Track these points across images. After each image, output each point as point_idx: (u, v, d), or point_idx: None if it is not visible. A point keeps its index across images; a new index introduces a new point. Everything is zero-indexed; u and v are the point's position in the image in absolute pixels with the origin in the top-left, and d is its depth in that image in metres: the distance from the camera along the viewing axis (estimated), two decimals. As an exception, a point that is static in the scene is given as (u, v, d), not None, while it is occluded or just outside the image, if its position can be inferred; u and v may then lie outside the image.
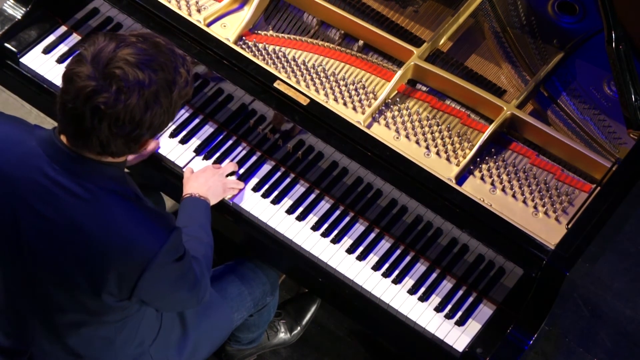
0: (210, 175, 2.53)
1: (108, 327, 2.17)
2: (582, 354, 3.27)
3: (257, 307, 2.75)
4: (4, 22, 2.76)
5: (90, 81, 1.88)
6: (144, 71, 1.90)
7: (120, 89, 1.88)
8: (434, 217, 2.52)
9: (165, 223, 2.03)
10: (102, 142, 1.94)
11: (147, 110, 1.92)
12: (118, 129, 1.91)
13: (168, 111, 1.97)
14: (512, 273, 2.47)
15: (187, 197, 2.47)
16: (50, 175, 1.98)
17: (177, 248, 2.06)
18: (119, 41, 1.92)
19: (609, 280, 3.44)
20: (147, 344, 2.34)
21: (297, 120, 2.57)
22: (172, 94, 1.96)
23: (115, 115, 1.89)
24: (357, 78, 2.71)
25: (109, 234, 1.98)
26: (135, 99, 1.89)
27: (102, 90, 1.88)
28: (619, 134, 2.63)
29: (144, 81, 1.90)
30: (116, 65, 1.88)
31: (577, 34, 2.79)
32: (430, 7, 2.85)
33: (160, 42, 1.97)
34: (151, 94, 1.91)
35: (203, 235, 2.36)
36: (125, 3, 2.72)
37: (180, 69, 1.97)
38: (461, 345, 2.44)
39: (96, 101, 1.88)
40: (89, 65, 1.89)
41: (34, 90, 2.77)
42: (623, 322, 3.35)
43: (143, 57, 1.91)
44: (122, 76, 1.88)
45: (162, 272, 2.05)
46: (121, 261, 1.99)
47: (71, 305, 2.10)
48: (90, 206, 1.98)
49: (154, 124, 1.96)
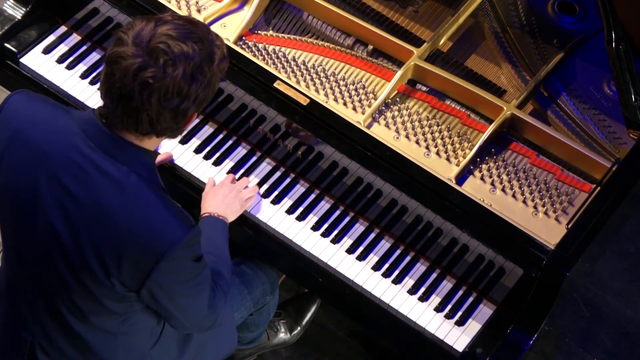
0: (227, 191, 2.52)
1: (112, 319, 2.16)
2: (582, 354, 3.27)
3: (257, 306, 2.75)
4: (4, 22, 2.76)
5: (136, 59, 1.93)
6: (187, 43, 1.96)
7: (166, 62, 1.93)
8: (434, 217, 2.52)
9: (187, 219, 2.05)
10: (151, 119, 1.98)
11: (194, 81, 1.97)
12: (167, 102, 1.96)
13: (210, 83, 2.02)
14: (512, 273, 2.47)
15: (206, 216, 2.46)
16: (85, 152, 2.01)
17: (195, 247, 2.07)
18: (156, 20, 1.98)
19: (609, 280, 3.44)
20: (147, 347, 2.32)
21: (297, 120, 2.57)
22: (213, 65, 2.01)
23: (164, 89, 1.94)
24: (357, 78, 2.71)
25: (132, 217, 1.99)
26: (181, 71, 1.94)
27: (148, 65, 1.93)
28: (619, 134, 2.63)
29: (188, 52, 1.95)
30: (159, 40, 1.94)
31: (577, 34, 2.79)
32: (430, 7, 2.85)
33: (193, 19, 2.03)
34: (196, 64, 1.97)
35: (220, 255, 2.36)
36: (125, 3, 2.72)
37: (216, 42, 2.03)
38: (461, 345, 2.44)
39: (144, 76, 1.92)
40: (131, 45, 1.94)
41: (34, 90, 2.76)
42: (623, 322, 3.35)
43: (183, 31, 1.97)
44: (167, 49, 1.93)
45: (177, 267, 2.04)
46: (139, 247, 2.00)
47: (78, 288, 2.08)
48: (119, 187, 2.00)
49: (199, 96, 2.01)
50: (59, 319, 2.17)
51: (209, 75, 2.00)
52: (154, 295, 2.09)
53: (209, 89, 2.03)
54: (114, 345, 2.23)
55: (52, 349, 2.22)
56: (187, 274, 2.09)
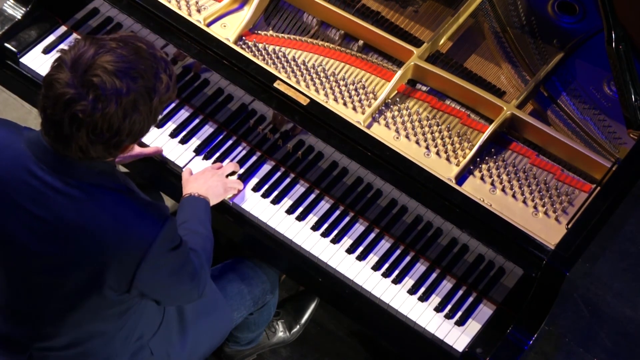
0: (209, 175, 2.53)
1: (108, 322, 2.17)
2: (582, 354, 3.27)
3: (257, 305, 2.75)
4: (4, 22, 2.76)
5: (68, 88, 1.88)
6: (122, 80, 1.89)
7: (97, 98, 1.88)
8: (434, 217, 2.52)
9: (158, 213, 2.03)
10: (81, 148, 1.94)
11: (126, 118, 1.92)
12: (96, 136, 1.92)
13: (148, 117, 1.97)
14: (512, 273, 2.47)
15: (187, 196, 2.47)
16: (39, 176, 1.99)
17: (173, 237, 2.07)
18: (98, 47, 1.91)
19: (609, 280, 3.43)
20: (146, 338, 2.34)
21: (297, 120, 2.57)
22: (152, 100, 1.95)
23: (93, 124, 1.90)
24: (357, 78, 2.71)
25: (102, 229, 1.98)
26: (113, 108, 1.89)
27: (79, 98, 1.88)
28: (619, 134, 2.63)
29: (121, 89, 1.89)
30: (94, 73, 1.88)
31: (577, 34, 2.79)
32: (430, 7, 2.85)
33: (141, 46, 1.96)
34: (129, 102, 1.91)
35: (201, 229, 2.36)
36: (125, 3, 2.72)
37: (161, 75, 1.97)
38: (461, 345, 2.44)
39: (74, 109, 1.88)
40: (68, 71, 1.89)
41: (34, 90, 2.77)
42: (623, 322, 3.35)
43: (122, 65, 1.90)
44: (99, 84, 1.88)
45: (159, 262, 2.05)
46: (117, 254, 2.00)
47: (71, 302, 2.09)
48: (81, 204, 1.99)
49: (134, 131, 1.96)
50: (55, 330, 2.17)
51: (145, 111, 1.95)
52: (144, 292, 2.11)
53: (145, 123, 1.97)
54: (112, 343, 2.23)
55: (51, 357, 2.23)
56: (170, 264, 2.10)
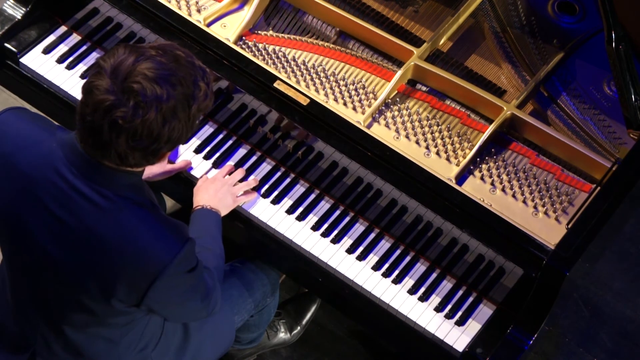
0: (220, 185, 2.53)
1: (113, 329, 2.17)
2: (582, 354, 3.27)
3: (257, 308, 2.75)
4: (4, 22, 2.76)
5: (108, 95, 1.88)
6: (162, 86, 1.89)
7: (138, 104, 1.88)
8: (434, 217, 2.52)
9: (179, 234, 2.03)
10: (120, 155, 1.93)
11: (165, 124, 1.91)
12: (136, 142, 1.91)
13: (187, 125, 1.97)
14: (512, 273, 2.47)
15: (199, 209, 2.46)
16: (69, 179, 1.98)
17: (190, 259, 2.06)
18: (138, 54, 1.91)
19: (609, 280, 3.43)
20: (149, 349, 2.33)
21: (297, 120, 2.57)
22: (190, 108, 1.95)
23: (132, 130, 1.89)
24: (357, 78, 2.71)
25: (122, 242, 1.98)
26: (153, 114, 1.89)
27: (120, 104, 1.87)
28: (619, 134, 2.63)
29: (161, 96, 1.89)
30: (134, 80, 1.88)
31: (577, 34, 2.79)
32: (430, 7, 2.85)
33: (180, 54, 1.96)
34: (169, 108, 1.91)
35: (215, 247, 2.36)
36: (125, 3, 2.72)
37: (199, 82, 1.96)
38: (461, 345, 2.44)
39: (114, 115, 1.88)
40: (107, 78, 1.89)
41: (34, 90, 2.77)
42: (623, 322, 3.35)
43: (161, 72, 1.90)
44: (140, 91, 1.87)
45: (173, 282, 2.04)
46: (133, 269, 1.99)
47: (78, 306, 2.09)
48: (105, 213, 1.98)
49: (172, 138, 1.95)
50: (59, 331, 2.17)
51: (183, 118, 1.95)
52: (153, 309, 2.11)
53: (184, 130, 1.97)
54: (116, 351, 2.23)
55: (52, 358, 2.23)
56: (184, 285, 2.10)
